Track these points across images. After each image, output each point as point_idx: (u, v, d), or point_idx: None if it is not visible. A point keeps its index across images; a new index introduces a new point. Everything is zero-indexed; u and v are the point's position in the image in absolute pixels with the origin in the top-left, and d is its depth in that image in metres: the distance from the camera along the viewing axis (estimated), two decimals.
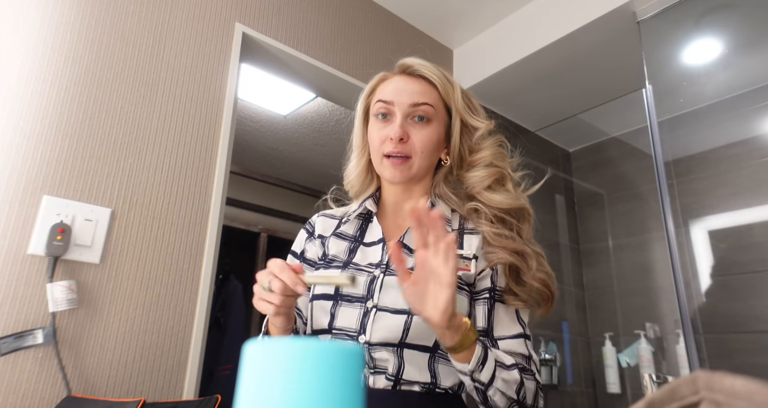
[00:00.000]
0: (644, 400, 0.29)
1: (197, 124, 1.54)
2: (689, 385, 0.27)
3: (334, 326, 0.85)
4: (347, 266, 0.91)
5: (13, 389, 1.11)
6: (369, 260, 0.91)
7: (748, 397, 0.24)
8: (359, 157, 1.00)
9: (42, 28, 1.31)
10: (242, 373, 0.29)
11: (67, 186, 1.27)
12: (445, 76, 0.95)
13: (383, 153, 0.90)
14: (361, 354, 0.30)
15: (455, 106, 0.94)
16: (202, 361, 1.40)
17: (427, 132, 0.91)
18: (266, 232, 3.65)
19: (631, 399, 2.35)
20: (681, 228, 2.12)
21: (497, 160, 0.94)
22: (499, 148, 0.95)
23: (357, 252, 0.93)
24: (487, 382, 0.74)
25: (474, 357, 0.72)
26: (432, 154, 0.92)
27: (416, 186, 0.96)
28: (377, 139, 0.92)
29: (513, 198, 0.91)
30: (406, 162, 0.90)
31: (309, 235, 1.02)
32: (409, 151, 0.90)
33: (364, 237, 0.96)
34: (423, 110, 0.91)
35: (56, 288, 1.18)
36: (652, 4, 1.76)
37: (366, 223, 0.98)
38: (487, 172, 0.92)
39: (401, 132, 0.88)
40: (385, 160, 0.90)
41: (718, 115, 2.15)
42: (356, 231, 0.98)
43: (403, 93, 0.92)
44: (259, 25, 1.77)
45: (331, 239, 0.98)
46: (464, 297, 0.85)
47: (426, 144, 0.90)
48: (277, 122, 3.05)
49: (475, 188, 0.92)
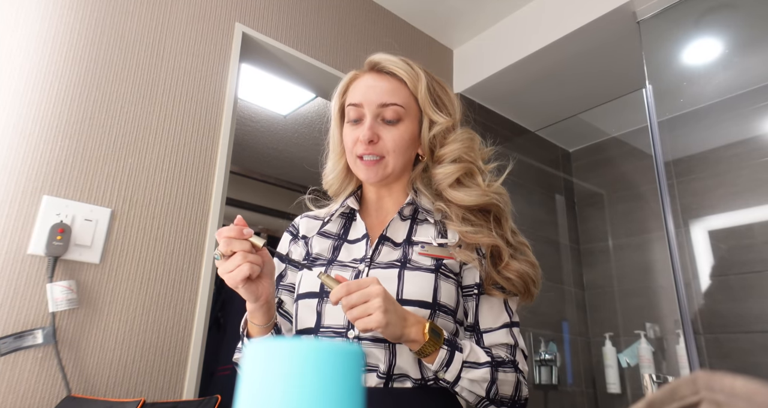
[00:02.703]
0: (644, 400, 0.29)
1: (197, 124, 1.54)
2: (689, 385, 0.27)
3: (321, 325, 0.84)
4: (331, 264, 0.90)
5: (13, 389, 1.11)
6: (353, 256, 0.91)
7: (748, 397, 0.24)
8: (337, 157, 1.00)
9: (42, 28, 1.31)
10: (242, 374, 0.29)
11: (67, 186, 1.27)
12: (413, 70, 0.93)
13: (356, 154, 0.91)
14: (361, 354, 0.30)
15: (420, 101, 0.93)
16: (202, 361, 1.40)
17: (399, 131, 0.90)
18: (266, 232, 3.65)
19: (631, 399, 2.35)
20: (681, 228, 2.12)
21: (466, 154, 0.92)
22: (468, 141, 0.94)
23: (341, 249, 0.93)
24: (452, 381, 0.77)
25: (437, 360, 0.75)
26: (406, 152, 0.92)
27: (395, 183, 0.97)
28: (350, 141, 0.92)
29: (478, 195, 0.89)
30: (380, 162, 0.90)
31: (293, 238, 1.02)
32: (381, 151, 0.90)
33: (348, 234, 0.96)
34: (392, 110, 0.90)
35: (56, 288, 1.18)
36: (652, 4, 1.76)
37: (349, 221, 0.99)
38: (453, 167, 0.91)
39: (370, 134, 0.88)
40: (358, 162, 0.91)
41: (718, 115, 2.15)
42: (340, 229, 0.98)
43: (372, 93, 0.91)
44: (259, 25, 1.77)
45: (314, 238, 0.98)
46: (451, 285, 0.85)
47: (398, 143, 0.90)
48: (277, 122, 3.05)
49: (440, 185, 0.92)
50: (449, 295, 0.84)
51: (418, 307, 0.81)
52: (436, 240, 0.90)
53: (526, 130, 2.60)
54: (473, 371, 0.78)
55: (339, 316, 0.83)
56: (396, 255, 0.88)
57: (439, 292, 0.83)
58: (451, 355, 0.77)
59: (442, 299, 0.83)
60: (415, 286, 0.82)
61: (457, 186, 0.91)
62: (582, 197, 2.85)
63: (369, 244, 0.91)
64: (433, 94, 0.94)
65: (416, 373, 0.80)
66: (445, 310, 0.83)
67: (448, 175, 0.91)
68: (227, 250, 0.72)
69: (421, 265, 0.85)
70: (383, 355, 0.80)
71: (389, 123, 0.91)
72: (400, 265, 0.86)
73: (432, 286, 0.83)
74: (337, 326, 0.83)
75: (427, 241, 0.90)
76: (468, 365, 0.78)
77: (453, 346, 0.77)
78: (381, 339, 0.80)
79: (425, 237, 0.91)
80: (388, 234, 0.91)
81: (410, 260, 0.86)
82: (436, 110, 0.94)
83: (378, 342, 0.81)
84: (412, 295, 0.82)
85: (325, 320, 0.84)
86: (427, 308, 0.81)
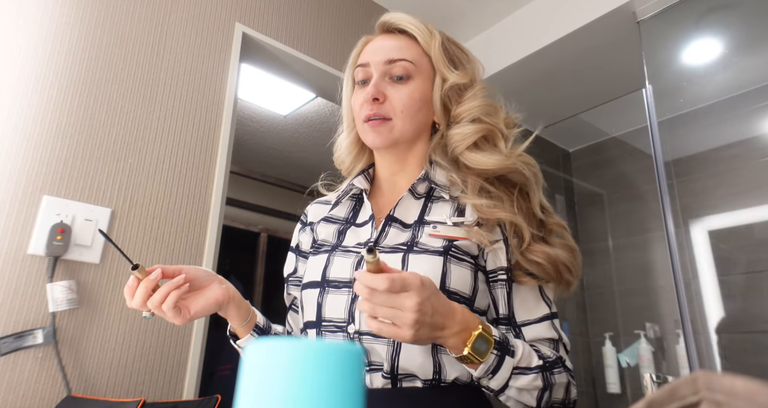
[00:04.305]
0: (644, 400, 0.29)
1: (197, 124, 1.54)
2: (689, 385, 0.27)
3: (323, 318, 0.77)
4: (335, 250, 0.82)
5: (13, 389, 1.11)
6: (358, 240, 0.82)
7: (748, 398, 0.24)
8: (348, 129, 0.92)
9: (42, 28, 1.31)
10: (242, 374, 0.29)
11: (67, 186, 1.27)
12: (425, 27, 0.86)
13: (362, 118, 0.82)
14: (362, 354, 0.30)
15: (433, 58, 0.84)
16: (202, 361, 1.40)
17: (407, 90, 0.81)
18: (266, 232, 3.65)
19: (631, 399, 2.35)
20: (681, 228, 2.12)
21: (485, 115, 0.82)
22: (488, 101, 0.84)
23: (347, 234, 0.85)
24: (498, 389, 0.67)
25: (481, 367, 0.64)
26: (416, 115, 0.82)
27: (409, 154, 0.86)
28: (357, 105, 0.84)
29: (500, 158, 0.78)
30: (386, 123, 0.81)
31: (302, 226, 0.96)
32: (387, 112, 0.81)
33: (357, 218, 0.88)
34: (400, 67, 0.82)
35: (56, 288, 1.18)
36: (652, 4, 1.76)
37: (359, 203, 0.90)
38: (472, 127, 0.80)
39: (374, 91, 0.80)
40: (365, 125, 0.82)
41: (718, 115, 2.15)
42: (348, 213, 0.90)
43: (379, 51, 0.84)
44: (259, 25, 1.77)
45: (320, 224, 0.91)
46: (464, 269, 0.75)
47: (406, 103, 0.81)
48: (277, 122, 3.05)
49: (457, 148, 0.81)
50: (462, 281, 0.74)
51: None
52: (450, 219, 0.79)
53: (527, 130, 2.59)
54: (523, 378, 0.66)
55: (340, 309, 0.75)
56: (404, 237, 0.78)
57: (448, 277, 0.72)
58: (500, 360, 0.65)
59: (451, 286, 0.72)
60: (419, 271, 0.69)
61: (475, 149, 0.80)
62: (582, 197, 2.85)
63: (374, 227, 0.82)
64: (448, 51, 0.86)
65: (426, 374, 0.71)
66: (457, 298, 0.72)
67: (465, 135, 0.80)
68: (141, 304, 0.70)
69: (428, 248, 0.75)
70: (385, 353, 0.71)
71: (398, 80, 0.82)
72: (406, 248, 0.76)
73: (439, 271, 0.72)
74: (338, 320, 0.75)
75: (441, 220, 0.79)
76: (518, 371, 0.66)
77: (504, 350, 0.65)
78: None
79: (440, 216, 0.80)
80: (396, 214, 0.82)
81: (417, 243, 0.76)
82: (451, 68, 0.84)
83: (381, 337, 0.71)
84: None
85: (326, 313, 0.77)
86: None
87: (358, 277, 0.60)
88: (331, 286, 0.78)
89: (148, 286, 0.70)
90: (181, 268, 0.74)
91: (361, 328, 0.73)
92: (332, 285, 0.78)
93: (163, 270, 0.72)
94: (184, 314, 0.73)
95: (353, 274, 0.77)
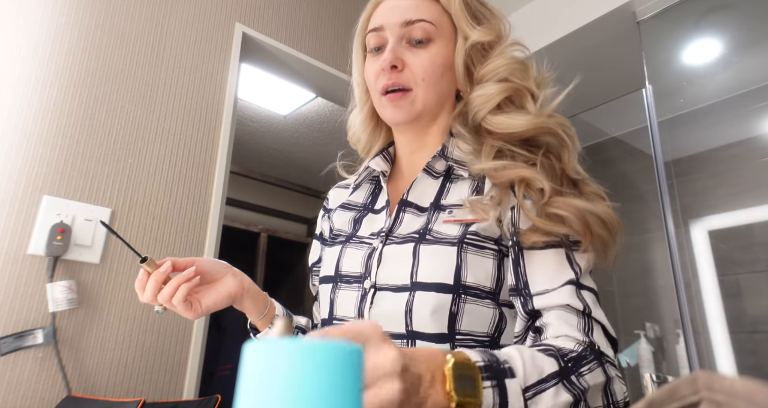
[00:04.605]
0: (644, 400, 0.29)
1: (197, 124, 1.54)
2: (689, 385, 0.27)
3: (334, 315, 0.71)
4: (349, 241, 0.75)
5: (13, 389, 1.11)
6: (372, 229, 0.75)
7: (748, 398, 0.24)
8: (362, 103, 0.83)
9: (42, 28, 1.31)
10: (242, 373, 0.29)
11: (67, 186, 1.27)
12: None
13: (379, 90, 0.73)
14: (362, 354, 0.30)
15: (454, 15, 0.74)
16: (202, 361, 1.40)
17: (428, 54, 0.72)
18: (266, 232, 3.65)
19: (631, 399, 2.35)
20: (681, 228, 2.11)
21: (513, 74, 0.71)
22: (516, 58, 0.74)
23: (363, 222, 0.77)
24: None
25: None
26: (439, 82, 0.73)
27: (430, 128, 0.77)
28: (372, 76, 0.74)
29: (528, 119, 0.67)
30: (406, 95, 0.71)
31: (324, 213, 0.89)
32: (407, 81, 0.71)
33: (375, 203, 0.79)
34: (419, 28, 0.72)
35: (56, 288, 1.18)
36: (652, 4, 1.76)
37: (379, 186, 0.82)
38: (496, 87, 0.70)
39: (392, 57, 0.70)
40: (383, 99, 0.73)
41: (718, 115, 2.15)
42: (367, 198, 0.82)
43: (394, 12, 0.73)
44: (259, 25, 1.77)
45: (336, 211, 0.84)
46: (486, 257, 0.64)
47: (428, 69, 0.71)
48: (277, 122, 3.05)
49: (479, 112, 0.71)
50: (483, 273, 0.63)
51: (437, 291, 0.62)
52: (468, 199, 0.67)
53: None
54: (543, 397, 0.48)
55: (350, 306, 0.69)
56: (418, 224, 0.69)
57: (464, 270, 0.62)
58: (501, 389, 0.46)
59: (469, 279, 0.62)
60: (432, 264, 0.63)
61: (499, 111, 0.70)
62: None
63: (388, 213, 0.74)
64: (469, 6, 0.75)
65: None
66: (476, 292, 0.62)
67: (488, 97, 0.70)
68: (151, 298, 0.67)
69: (442, 237, 0.65)
70: None
71: (418, 44, 0.72)
72: (418, 237, 0.67)
73: (454, 263, 0.63)
74: (349, 318, 0.69)
75: (458, 203, 0.68)
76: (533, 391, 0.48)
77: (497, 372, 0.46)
78: (397, 335, 0.64)
79: (457, 198, 0.69)
80: (410, 198, 0.73)
81: (430, 230, 0.67)
82: (473, 24, 0.74)
83: (393, 338, 0.64)
84: (428, 277, 0.63)
85: (337, 310, 0.71)
86: (448, 292, 0.62)
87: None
88: (343, 280, 0.72)
89: (158, 279, 0.67)
90: (194, 260, 0.71)
91: None
92: (344, 280, 0.72)
93: (174, 262, 0.69)
94: (195, 308, 0.70)
95: (390, 217, 0.71)
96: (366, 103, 0.82)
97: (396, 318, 0.63)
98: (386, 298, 0.66)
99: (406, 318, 0.63)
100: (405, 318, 0.63)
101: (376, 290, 0.67)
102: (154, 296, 0.67)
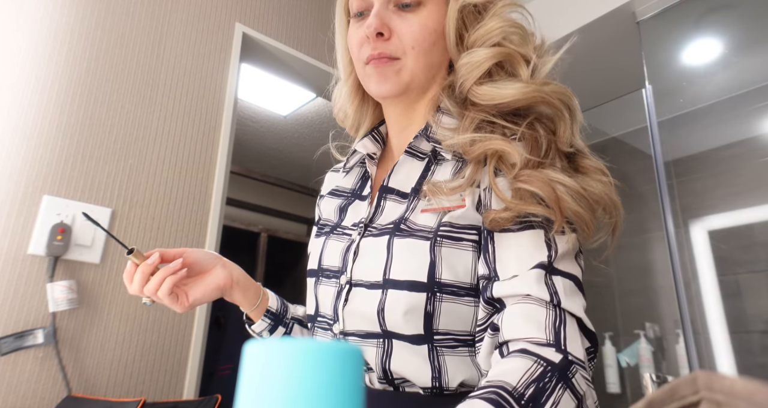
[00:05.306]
0: (644, 400, 0.29)
1: (197, 124, 1.54)
2: (689, 385, 0.27)
3: (318, 312, 0.66)
4: (333, 231, 0.70)
5: (13, 389, 1.11)
6: (355, 219, 0.68)
7: (748, 398, 0.24)
8: (346, 74, 0.74)
9: (42, 28, 1.31)
10: (242, 373, 0.29)
11: (67, 186, 1.27)
12: None
13: (363, 60, 0.65)
14: (362, 354, 0.30)
15: None
16: (202, 361, 1.40)
17: (418, 19, 0.64)
18: (266, 232, 3.65)
19: (631, 399, 2.35)
20: (681, 228, 2.11)
21: (508, 39, 0.62)
22: (513, 21, 0.64)
23: (348, 210, 0.71)
24: None
25: None
26: (431, 51, 0.64)
27: (418, 104, 0.69)
28: (355, 44, 0.67)
29: (518, 87, 0.58)
30: (393, 63, 0.64)
31: (319, 199, 0.83)
32: (395, 50, 0.64)
33: (364, 188, 0.72)
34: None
35: (56, 288, 1.18)
36: (652, 4, 1.76)
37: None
38: (485, 53, 0.61)
39: (378, 24, 0.62)
40: (367, 68, 0.65)
41: (718, 115, 2.15)
42: (356, 182, 0.75)
43: None
44: (259, 25, 1.77)
45: (325, 198, 0.78)
46: (464, 249, 0.57)
47: (418, 36, 0.63)
48: (277, 122, 3.06)
49: (465, 82, 0.62)
50: (462, 268, 0.57)
51: (409, 290, 0.56)
52: (430, 183, 0.60)
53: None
54: None
55: (329, 304, 0.64)
56: (398, 213, 0.62)
57: (438, 266, 0.56)
58: None
59: (445, 276, 0.56)
60: (404, 259, 0.58)
61: (488, 80, 0.61)
62: None
63: (370, 201, 0.68)
64: None
65: (423, 381, 0.56)
66: (454, 290, 0.56)
67: (474, 64, 0.61)
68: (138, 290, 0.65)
69: (417, 228, 0.59)
70: (374, 356, 0.59)
71: (406, 8, 0.64)
72: (392, 228, 0.60)
73: (427, 259, 0.56)
74: (327, 315, 0.65)
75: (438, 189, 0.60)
76: None
77: None
78: (373, 334, 0.59)
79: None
80: (391, 184, 0.66)
81: (405, 220, 0.60)
82: None
83: (369, 338, 0.59)
84: (399, 275, 0.57)
85: (320, 307, 0.67)
86: (421, 291, 0.56)
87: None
88: (323, 275, 0.67)
89: (145, 271, 0.65)
90: (184, 250, 0.68)
91: (345, 328, 0.61)
92: (325, 274, 0.67)
93: (163, 254, 0.66)
94: (182, 301, 0.68)
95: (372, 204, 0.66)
96: (351, 75, 0.73)
97: (369, 317, 0.59)
98: (360, 295, 0.61)
99: (378, 317, 0.58)
100: (377, 317, 0.58)
101: (351, 286, 0.62)
102: (140, 288, 0.65)
